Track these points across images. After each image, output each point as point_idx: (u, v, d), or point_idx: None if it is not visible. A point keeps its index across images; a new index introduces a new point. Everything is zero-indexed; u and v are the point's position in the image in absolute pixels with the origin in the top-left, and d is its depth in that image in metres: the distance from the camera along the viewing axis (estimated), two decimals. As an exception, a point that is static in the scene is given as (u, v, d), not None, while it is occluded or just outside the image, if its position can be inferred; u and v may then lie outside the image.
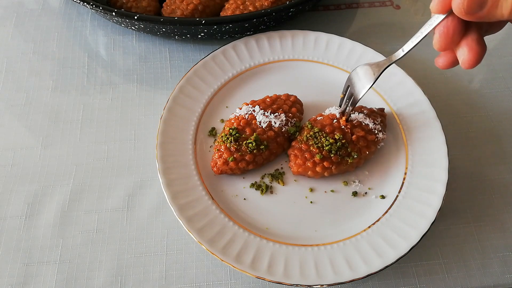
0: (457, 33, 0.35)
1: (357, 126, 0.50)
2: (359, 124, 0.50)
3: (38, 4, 0.69)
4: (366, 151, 0.49)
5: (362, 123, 0.50)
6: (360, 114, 0.51)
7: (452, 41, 0.36)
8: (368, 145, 0.49)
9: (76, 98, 0.59)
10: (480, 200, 0.51)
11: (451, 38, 0.36)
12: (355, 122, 0.50)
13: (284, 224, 0.48)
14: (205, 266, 0.47)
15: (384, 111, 0.54)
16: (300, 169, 0.49)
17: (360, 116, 0.51)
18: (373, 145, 0.50)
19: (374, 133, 0.50)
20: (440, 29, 0.36)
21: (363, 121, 0.50)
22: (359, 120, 0.50)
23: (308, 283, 0.42)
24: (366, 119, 0.50)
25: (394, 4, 0.70)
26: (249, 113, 0.51)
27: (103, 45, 0.65)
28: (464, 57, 0.35)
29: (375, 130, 0.50)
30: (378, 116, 0.52)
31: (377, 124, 0.51)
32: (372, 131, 0.50)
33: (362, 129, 0.49)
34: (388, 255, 0.43)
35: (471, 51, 0.35)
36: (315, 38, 0.59)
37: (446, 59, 0.39)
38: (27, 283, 0.45)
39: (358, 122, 0.50)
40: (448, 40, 0.36)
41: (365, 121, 0.50)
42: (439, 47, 0.37)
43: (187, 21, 0.55)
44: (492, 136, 0.56)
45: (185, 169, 0.49)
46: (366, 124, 0.50)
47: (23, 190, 0.51)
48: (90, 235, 0.48)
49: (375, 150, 0.50)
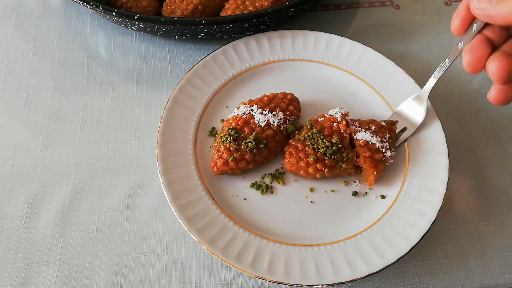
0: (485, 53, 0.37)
1: (364, 146, 0.48)
2: (366, 144, 0.48)
3: (38, 4, 0.69)
4: (373, 171, 0.48)
5: (369, 142, 0.49)
6: (367, 133, 0.49)
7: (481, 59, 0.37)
8: (376, 165, 0.48)
9: (76, 98, 0.59)
10: (480, 200, 0.51)
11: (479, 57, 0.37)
12: (362, 142, 0.48)
13: (285, 224, 0.48)
14: (205, 266, 0.47)
15: (395, 124, 0.52)
16: (292, 167, 0.49)
17: (366, 135, 0.49)
18: (381, 164, 0.48)
19: (381, 151, 0.48)
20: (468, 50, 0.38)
21: (369, 141, 0.49)
22: (365, 139, 0.49)
23: (308, 283, 0.42)
24: (373, 138, 0.49)
25: (394, 4, 0.70)
26: (247, 112, 0.51)
27: (103, 45, 0.65)
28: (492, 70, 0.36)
29: (383, 148, 0.49)
30: (386, 131, 0.50)
31: (385, 142, 0.49)
32: (379, 150, 0.48)
33: (368, 149, 0.48)
34: (388, 255, 0.43)
35: (499, 62, 0.36)
36: (315, 38, 0.59)
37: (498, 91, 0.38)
38: (27, 283, 0.45)
39: (365, 142, 0.48)
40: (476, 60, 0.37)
41: (372, 140, 0.49)
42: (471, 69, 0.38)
43: (187, 21, 0.55)
44: (492, 136, 0.56)
45: (185, 169, 0.49)
46: (373, 144, 0.48)
47: (23, 190, 0.51)
48: (90, 235, 0.48)
49: (384, 168, 0.49)
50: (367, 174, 0.49)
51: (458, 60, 0.63)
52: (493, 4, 0.35)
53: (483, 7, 0.36)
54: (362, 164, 0.48)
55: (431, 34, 0.66)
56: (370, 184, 0.49)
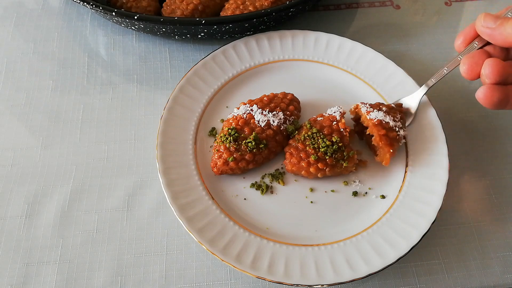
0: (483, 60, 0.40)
1: (378, 125, 0.48)
2: (380, 123, 0.48)
3: (38, 4, 0.69)
4: (389, 149, 0.47)
5: (382, 121, 0.48)
6: (380, 112, 0.49)
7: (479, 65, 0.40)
8: (391, 143, 0.48)
9: (76, 98, 0.59)
10: (480, 200, 0.51)
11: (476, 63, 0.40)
12: (375, 121, 0.48)
13: (285, 224, 0.48)
14: (205, 266, 0.47)
15: (402, 106, 0.52)
16: (294, 167, 0.49)
17: (380, 115, 0.49)
18: (395, 142, 0.48)
19: (395, 130, 0.48)
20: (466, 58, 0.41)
21: (383, 119, 0.48)
22: (379, 118, 0.48)
23: (308, 283, 0.42)
24: (386, 117, 0.49)
25: (394, 4, 0.70)
26: (247, 112, 0.51)
27: (103, 45, 0.65)
28: (485, 70, 0.39)
29: (396, 127, 0.49)
30: (397, 112, 0.50)
31: (397, 121, 0.49)
32: (393, 129, 0.48)
33: (382, 127, 0.48)
34: (389, 255, 0.43)
35: (493, 62, 0.39)
36: (315, 38, 0.59)
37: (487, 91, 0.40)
38: (27, 283, 0.45)
39: (378, 121, 0.48)
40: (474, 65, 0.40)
41: (385, 119, 0.48)
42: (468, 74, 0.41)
43: (187, 21, 0.55)
44: (492, 136, 0.56)
45: (185, 169, 0.49)
46: (386, 122, 0.48)
47: (23, 190, 0.51)
48: (90, 235, 0.48)
49: (397, 148, 0.49)
50: (382, 153, 0.49)
51: (458, 60, 0.63)
52: (497, 24, 0.38)
53: (488, 26, 0.39)
54: (378, 142, 0.48)
55: (431, 34, 0.66)
56: (386, 163, 0.48)
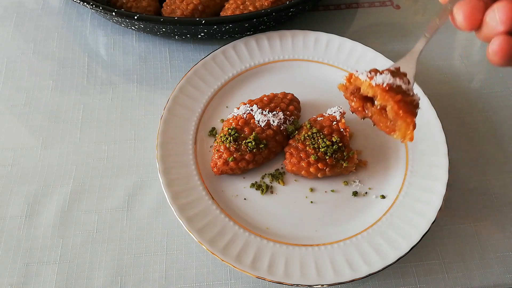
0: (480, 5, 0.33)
1: (390, 90, 0.37)
2: (391, 87, 0.37)
3: (38, 4, 0.69)
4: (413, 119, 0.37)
5: (393, 85, 0.38)
6: (387, 75, 0.38)
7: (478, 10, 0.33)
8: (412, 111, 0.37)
9: (76, 98, 0.59)
10: (480, 200, 0.51)
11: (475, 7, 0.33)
12: (385, 86, 0.37)
13: (285, 224, 0.48)
14: (205, 266, 0.47)
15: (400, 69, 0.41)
16: (294, 167, 0.49)
17: (387, 78, 0.38)
18: (414, 108, 0.38)
19: (410, 95, 0.38)
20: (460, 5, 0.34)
21: (393, 83, 0.38)
22: (388, 82, 0.38)
23: (308, 283, 0.42)
24: (396, 80, 0.38)
25: (394, 4, 0.70)
26: (247, 112, 0.51)
27: (103, 45, 0.64)
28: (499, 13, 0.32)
29: (410, 91, 0.38)
30: (402, 74, 0.40)
31: (408, 84, 0.39)
32: (408, 93, 0.38)
33: (396, 93, 0.37)
34: (389, 255, 0.43)
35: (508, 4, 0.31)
36: (315, 38, 0.59)
37: None
38: (27, 283, 0.45)
39: (389, 85, 0.37)
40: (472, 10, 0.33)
41: (396, 82, 0.38)
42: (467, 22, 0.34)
43: (187, 21, 0.55)
44: (492, 136, 0.56)
45: (185, 169, 0.49)
46: (398, 86, 0.38)
47: (23, 190, 0.51)
48: (90, 235, 0.48)
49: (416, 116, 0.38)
50: (404, 126, 0.37)
51: (458, 60, 0.63)
52: None
53: None
54: (397, 111, 0.37)
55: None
56: (411, 139, 0.37)
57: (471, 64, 0.63)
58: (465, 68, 0.62)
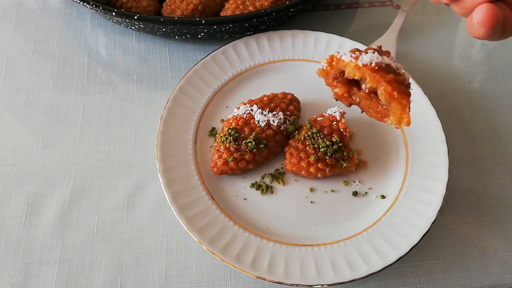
0: None
1: (379, 70, 0.33)
2: (380, 67, 0.34)
3: (38, 4, 0.69)
4: (408, 101, 0.33)
5: (381, 64, 0.34)
6: (375, 54, 0.35)
7: None
8: (406, 91, 0.34)
9: (76, 98, 0.59)
10: (480, 200, 0.51)
11: None
12: (374, 65, 0.34)
13: (285, 224, 0.48)
14: (205, 266, 0.47)
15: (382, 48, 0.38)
16: (294, 167, 0.49)
17: (374, 57, 0.34)
18: (407, 87, 0.35)
19: (400, 74, 0.35)
20: None
21: (382, 62, 0.34)
22: (376, 62, 0.34)
23: (308, 283, 0.42)
24: (384, 58, 0.35)
25: (394, 4, 0.70)
26: (247, 112, 0.51)
27: (103, 45, 0.65)
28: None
29: (399, 69, 0.35)
30: (386, 53, 0.37)
31: (396, 62, 0.36)
32: (398, 72, 0.35)
33: (387, 72, 0.33)
34: (389, 255, 0.43)
35: None
36: (315, 38, 0.59)
37: None
38: (27, 283, 0.45)
39: (377, 65, 0.34)
40: None
41: (384, 60, 0.35)
42: None
43: (187, 21, 0.55)
44: (492, 136, 0.56)
45: (185, 169, 0.49)
46: (387, 64, 0.34)
47: (23, 190, 0.51)
48: (90, 235, 0.48)
49: (410, 95, 0.34)
50: (399, 110, 0.34)
51: (458, 60, 0.63)
52: None
53: None
54: (390, 93, 0.33)
55: (431, 34, 0.66)
56: (408, 123, 0.34)
57: (471, 64, 0.63)
58: (465, 68, 0.62)
